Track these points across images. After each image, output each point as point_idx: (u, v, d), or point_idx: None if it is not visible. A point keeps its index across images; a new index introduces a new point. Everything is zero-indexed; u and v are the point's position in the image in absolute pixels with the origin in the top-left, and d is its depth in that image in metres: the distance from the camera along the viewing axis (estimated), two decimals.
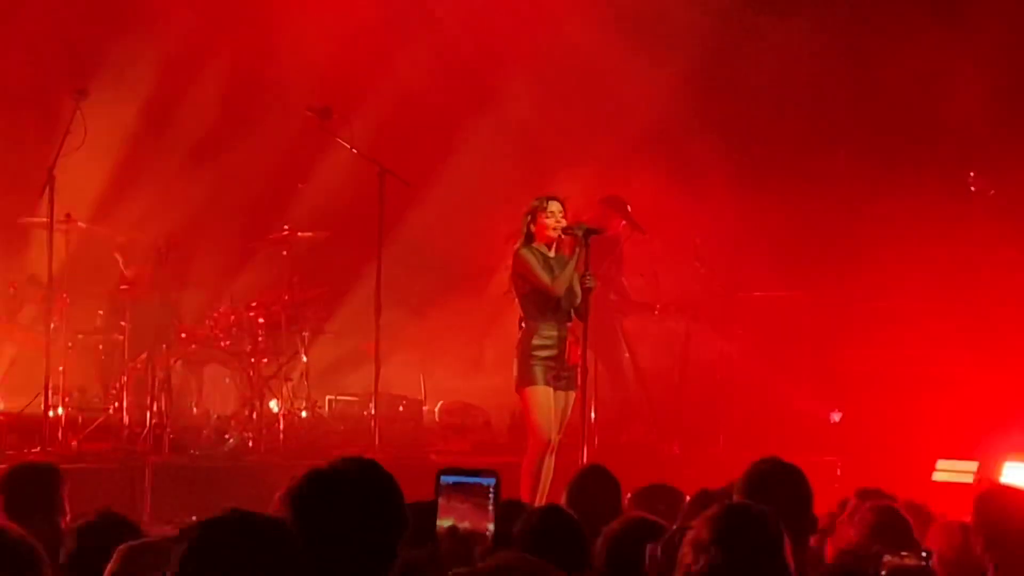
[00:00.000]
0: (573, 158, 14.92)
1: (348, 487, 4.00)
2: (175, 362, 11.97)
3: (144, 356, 11.79)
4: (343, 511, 3.95)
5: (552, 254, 10.15)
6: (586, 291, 9.98)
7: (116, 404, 11.97)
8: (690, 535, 4.06)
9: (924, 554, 4.98)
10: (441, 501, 4.48)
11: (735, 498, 5.36)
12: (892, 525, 5.89)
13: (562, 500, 6.50)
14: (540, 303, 10.08)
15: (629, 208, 13.78)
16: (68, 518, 6.09)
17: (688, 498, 6.43)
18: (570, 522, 5.46)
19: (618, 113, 15.21)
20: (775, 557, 4.03)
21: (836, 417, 14.23)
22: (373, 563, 3.93)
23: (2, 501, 6.16)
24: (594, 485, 6.55)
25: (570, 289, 10.04)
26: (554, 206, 10.11)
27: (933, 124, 14.88)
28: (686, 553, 4.03)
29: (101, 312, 12.49)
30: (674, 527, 4.76)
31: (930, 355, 13.53)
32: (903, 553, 4.93)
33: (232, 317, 12.58)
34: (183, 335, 12.42)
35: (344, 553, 3.90)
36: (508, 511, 6.05)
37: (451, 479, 4.54)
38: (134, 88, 14.32)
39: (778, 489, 5.10)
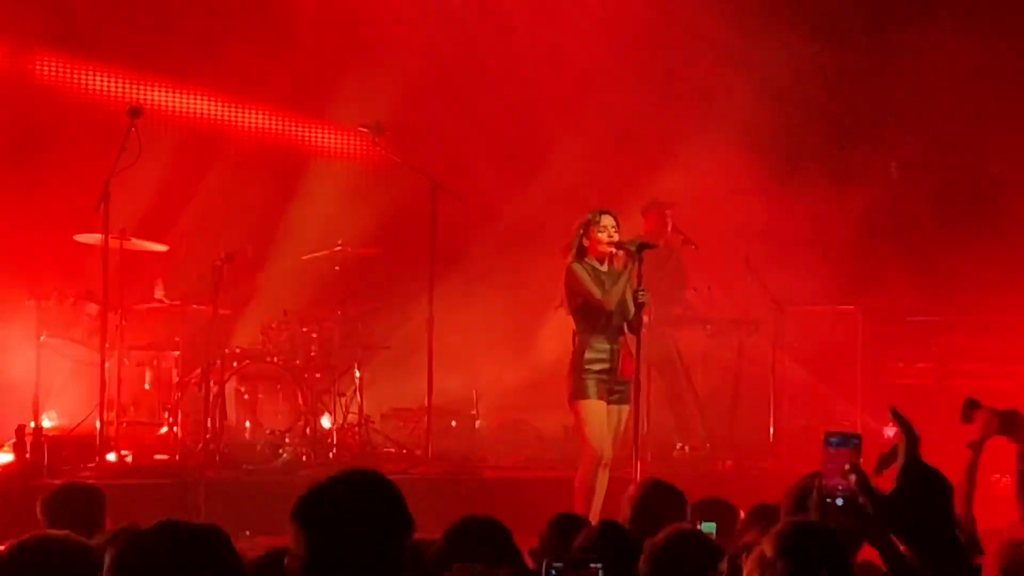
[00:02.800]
0: (629, 170, 14.92)
1: (349, 498, 4.04)
2: (228, 377, 12.01)
3: (198, 371, 11.84)
4: (345, 521, 3.99)
5: (604, 268, 10.14)
6: (638, 306, 9.97)
7: (170, 419, 12.03)
8: (755, 552, 4.03)
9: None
10: None
11: (782, 514, 5.33)
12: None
13: (625, 515, 6.43)
14: (592, 317, 10.06)
15: (669, 212, 13.78)
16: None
17: (743, 513, 6.40)
18: (628, 539, 5.44)
19: (674, 124, 15.16)
20: (839, 571, 3.98)
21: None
22: (379, 571, 3.97)
23: (45, 522, 6.22)
24: (660, 500, 6.48)
25: (622, 303, 10.02)
26: (607, 220, 10.10)
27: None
28: (751, 571, 3.99)
29: (155, 327, 12.54)
30: (735, 543, 4.73)
31: (987, 369, 13.45)
32: None
33: (285, 332, 12.63)
34: (237, 350, 12.49)
35: (349, 562, 3.95)
36: (564, 525, 6.05)
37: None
38: (190, 106, 14.42)
39: None
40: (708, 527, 5.87)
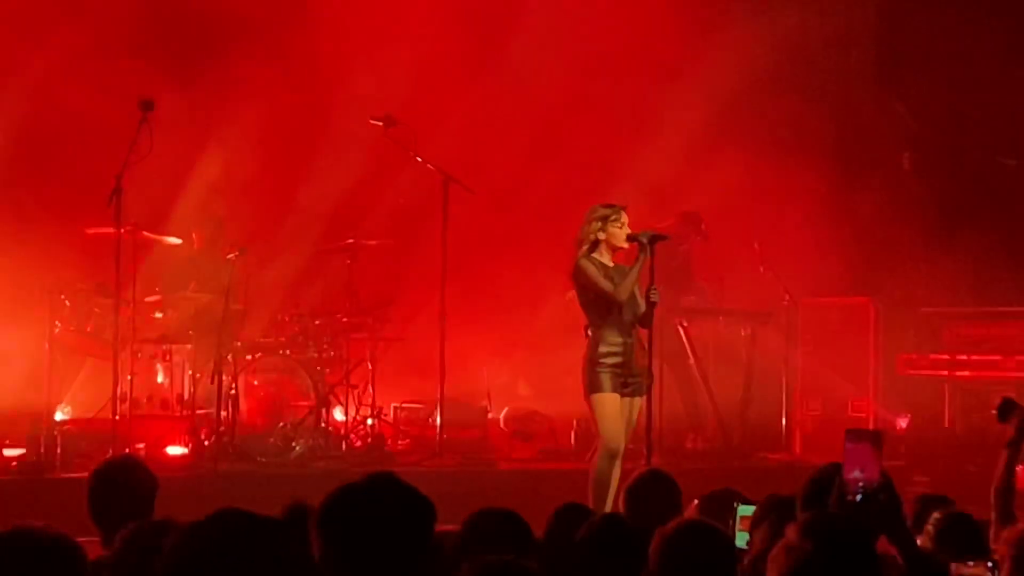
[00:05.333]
0: (642, 162, 14.90)
1: (367, 505, 4.03)
2: (241, 370, 12.02)
3: (211, 364, 11.84)
4: (364, 528, 4.02)
5: (611, 264, 10.11)
6: (650, 304, 9.93)
7: (183, 412, 12.03)
8: (780, 543, 4.02)
9: (990, 564, 4.92)
10: None
11: (799, 504, 5.33)
12: (960, 531, 5.84)
13: (620, 504, 6.49)
14: (604, 311, 10.05)
15: (704, 226, 13.79)
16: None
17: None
18: (631, 531, 5.45)
19: (686, 115, 15.13)
20: (865, 559, 3.98)
21: (903, 423, 14.13)
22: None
23: (89, 498, 6.11)
24: (653, 489, 6.53)
25: (633, 296, 10.01)
26: (625, 216, 10.09)
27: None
28: (776, 556, 3.99)
29: (168, 321, 12.54)
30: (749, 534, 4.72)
31: (1001, 360, 13.42)
32: (970, 562, 4.88)
33: (298, 325, 12.63)
34: (249, 343, 12.49)
35: (368, 568, 3.94)
36: (568, 516, 6.05)
37: None
38: (203, 98, 14.41)
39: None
40: (745, 510, 5.90)
